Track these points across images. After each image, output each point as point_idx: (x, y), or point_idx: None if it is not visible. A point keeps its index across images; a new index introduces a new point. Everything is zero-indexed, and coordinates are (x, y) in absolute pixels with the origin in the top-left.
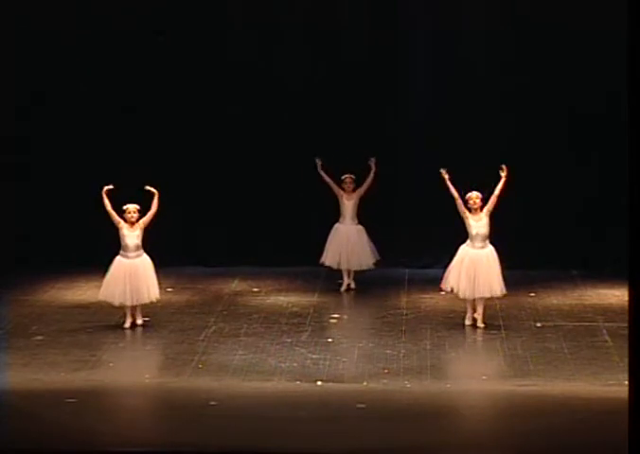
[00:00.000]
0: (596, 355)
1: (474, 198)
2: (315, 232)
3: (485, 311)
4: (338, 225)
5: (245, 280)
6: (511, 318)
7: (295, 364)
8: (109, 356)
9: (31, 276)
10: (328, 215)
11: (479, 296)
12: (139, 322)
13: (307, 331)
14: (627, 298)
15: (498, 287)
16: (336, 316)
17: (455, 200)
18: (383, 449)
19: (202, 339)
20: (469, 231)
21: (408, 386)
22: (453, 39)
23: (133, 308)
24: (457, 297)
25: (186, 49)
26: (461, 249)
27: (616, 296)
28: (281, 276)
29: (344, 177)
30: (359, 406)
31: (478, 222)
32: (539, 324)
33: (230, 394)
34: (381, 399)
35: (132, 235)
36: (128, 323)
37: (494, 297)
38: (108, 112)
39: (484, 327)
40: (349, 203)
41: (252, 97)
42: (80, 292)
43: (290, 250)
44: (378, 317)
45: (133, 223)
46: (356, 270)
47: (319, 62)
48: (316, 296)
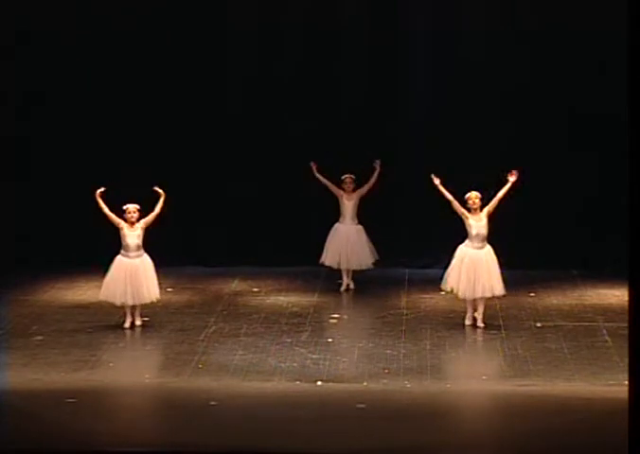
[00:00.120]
0: (596, 355)
1: (474, 197)
2: (315, 232)
3: (485, 311)
4: (338, 225)
5: (245, 280)
6: (511, 318)
7: (295, 364)
8: (109, 356)
9: (31, 276)
10: (328, 215)
11: (479, 296)
12: (138, 322)
13: (307, 331)
14: (627, 298)
15: (498, 286)
16: (336, 316)
17: (452, 203)
18: (383, 449)
19: (202, 339)
20: (469, 231)
21: (408, 386)
22: (453, 39)
23: (132, 308)
24: (457, 297)
25: (187, 49)
26: (460, 249)
27: (616, 296)
28: (281, 276)
29: (344, 177)
30: (359, 406)
31: (478, 223)
32: (539, 324)
33: (230, 394)
34: (381, 399)
35: (132, 234)
36: (127, 323)
37: (494, 297)
38: (108, 112)
39: (484, 327)
40: (349, 203)
41: (252, 97)
42: (80, 292)
43: (290, 250)
44: (378, 317)
45: (133, 223)
46: (355, 270)
47: (319, 62)
48: (316, 296)
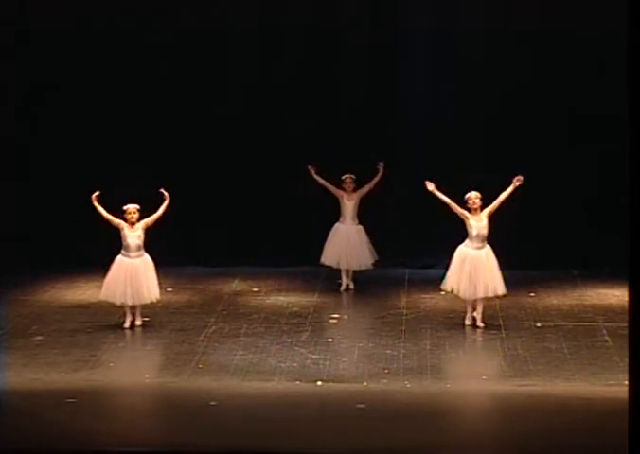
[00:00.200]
0: (596, 355)
1: (474, 197)
2: (315, 232)
3: (484, 311)
4: (338, 225)
5: (245, 280)
6: (511, 318)
7: (295, 364)
8: (109, 356)
9: (31, 276)
10: (328, 215)
11: (480, 296)
12: (138, 322)
13: (307, 331)
14: (627, 298)
15: (500, 286)
16: (336, 316)
17: (450, 206)
18: (383, 449)
19: (202, 339)
20: (469, 231)
21: (408, 386)
22: (453, 39)
23: (133, 308)
24: (458, 297)
25: (187, 50)
26: (459, 249)
27: (616, 296)
28: (281, 276)
29: (344, 177)
30: (359, 406)
31: (479, 223)
32: (539, 324)
33: (230, 394)
34: (381, 399)
35: (133, 235)
36: (127, 323)
37: (495, 297)
38: (108, 112)
39: (484, 327)
40: (350, 204)
41: (252, 97)
42: (80, 292)
43: (290, 250)
44: (378, 317)
45: (133, 224)
46: (355, 270)
47: (319, 62)
48: (316, 296)
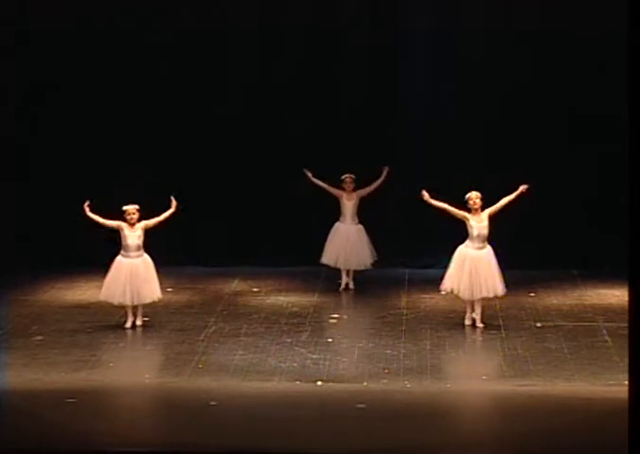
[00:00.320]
0: (596, 355)
1: (474, 197)
2: (315, 232)
3: (484, 311)
4: (338, 224)
5: (245, 280)
6: (511, 318)
7: (295, 364)
8: (109, 356)
9: (31, 276)
10: (328, 215)
11: (480, 297)
12: (139, 322)
13: (307, 331)
14: (627, 298)
15: (499, 286)
16: (336, 316)
17: (448, 212)
18: (383, 449)
19: (202, 339)
20: (470, 231)
21: (408, 386)
22: (454, 39)
23: (134, 308)
24: (458, 297)
25: (187, 50)
26: (459, 250)
27: (616, 296)
28: (281, 276)
29: (344, 177)
30: (359, 406)
31: (480, 223)
32: (539, 324)
33: (230, 394)
34: (381, 399)
35: (133, 235)
36: (129, 323)
37: (494, 297)
38: (108, 112)
39: (483, 327)
40: (349, 203)
41: (252, 97)
42: (80, 292)
43: (290, 250)
44: (378, 317)
45: (133, 224)
46: (355, 270)
47: (319, 62)
48: (316, 296)
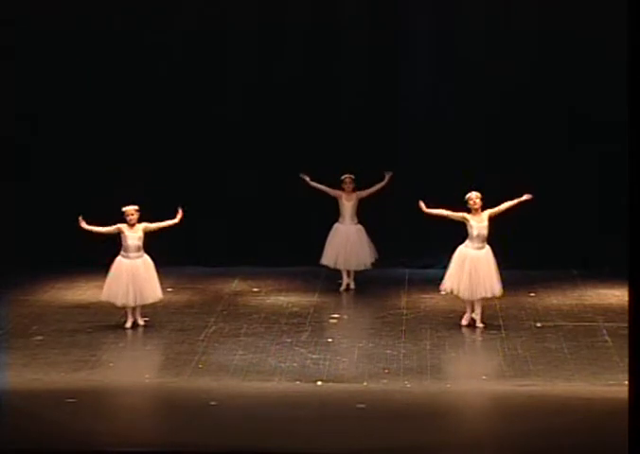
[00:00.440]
0: (596, 355)
1: (474, 198)
2: (315, 232)
3: (484, 311)
4: (338, 225)
5: (245, 280)
6: (511, 318)
7: (295, 364)
8: (109, 356)
9: (31, 276)
10: (328, 215)
11: (480, 297)
12: (141, 322)
13: (307, 331)
14: (627, 298)
15: (497, 287)
16: (336, 316)
17: (447, 217)
18: (383, 449)
19: (202, 339)
20: (470, 231)
21: (408, 386)
22: (454, 39)
23: (134, 308)
24: (457, 297)
25: (187, 50)
26: (459, 250)
27: (616, 296)
28: (281, 276)
29: (343, 177)
30: (359, 406)
31: (480, 224)
32: (539, 324)
33: (230, 394)
34: (381, 399)
35: (133, 236)
36: (129, 324)
37: (494, 297)
38: (108, 112)
39: (483, 327)
40: (349, 204)
41: (252, 97)
42: (80, 292)
43: (290, 250)
44: (378, 317)
45: (133, 224)
46: (355, 270)
47: (319, 63)
48: (316, 296)
